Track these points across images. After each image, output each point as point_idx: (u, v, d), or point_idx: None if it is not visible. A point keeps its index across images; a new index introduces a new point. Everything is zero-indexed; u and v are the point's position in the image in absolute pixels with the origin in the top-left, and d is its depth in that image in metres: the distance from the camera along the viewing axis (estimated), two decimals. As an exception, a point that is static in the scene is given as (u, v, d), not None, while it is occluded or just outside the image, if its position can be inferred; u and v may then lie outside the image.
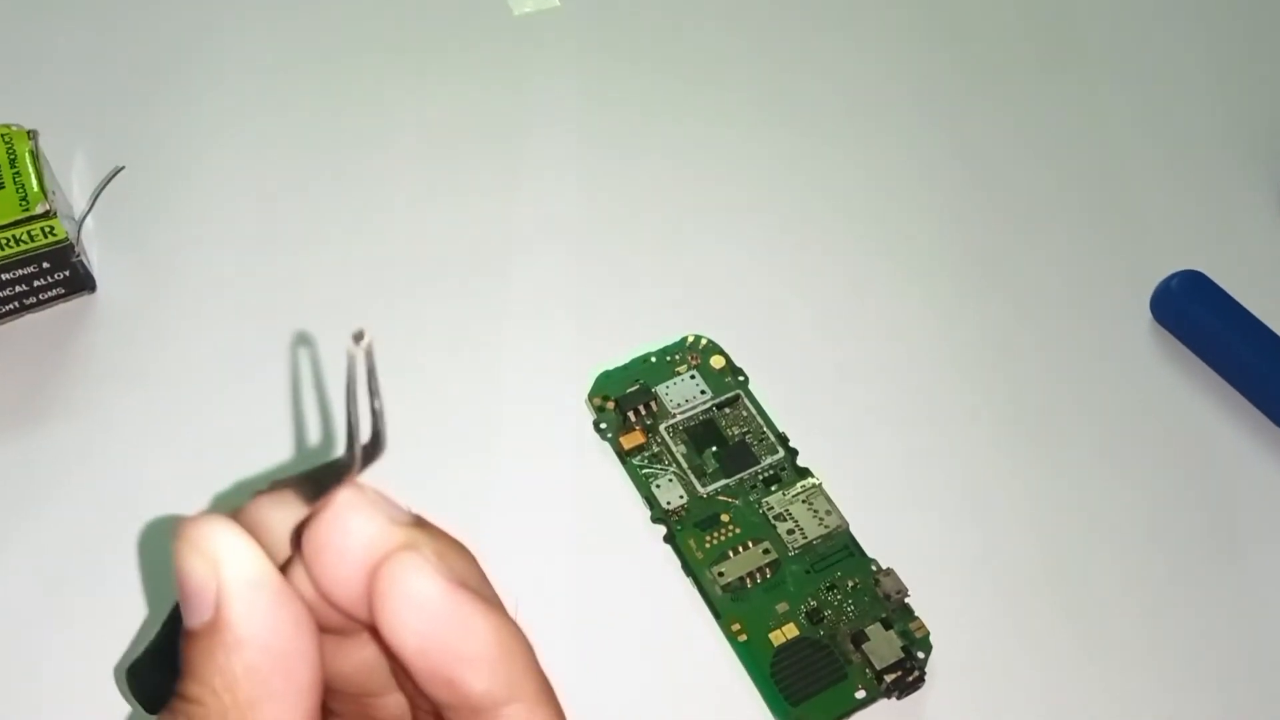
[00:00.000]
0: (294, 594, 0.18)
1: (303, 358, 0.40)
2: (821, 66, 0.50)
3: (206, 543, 0.18)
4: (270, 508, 0.19)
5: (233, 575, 0.17)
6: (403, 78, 0.49)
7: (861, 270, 0.43)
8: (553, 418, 0.39)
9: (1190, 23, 0.53)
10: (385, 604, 0.17)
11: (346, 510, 0.18)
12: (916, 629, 0.34)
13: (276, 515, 0.19)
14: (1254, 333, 0.40)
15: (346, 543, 0.18)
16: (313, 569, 0.18)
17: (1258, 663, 0.35)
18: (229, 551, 0.17)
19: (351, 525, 0.18)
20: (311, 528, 0.18)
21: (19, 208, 0.38)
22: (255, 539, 0.18)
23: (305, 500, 0.18)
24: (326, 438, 0.38)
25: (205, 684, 0.17)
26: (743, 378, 0.39)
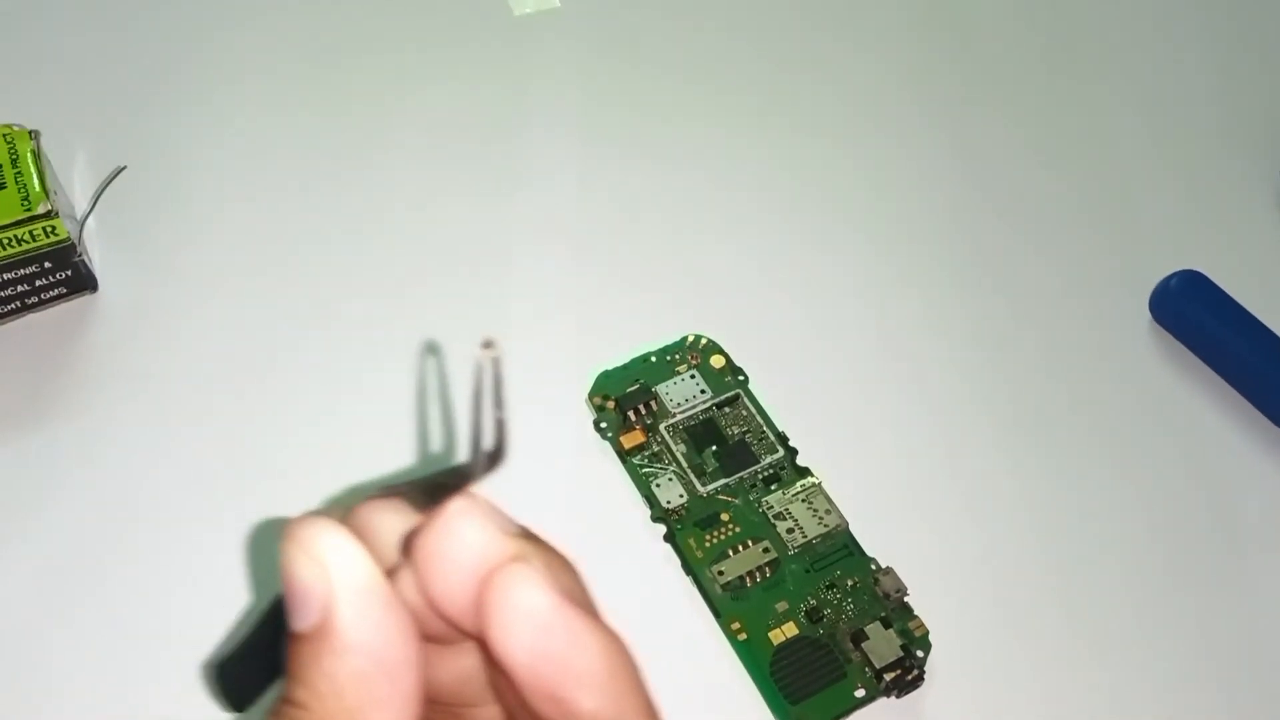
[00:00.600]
0: (401, 601, 0.18)
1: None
2: (821, 67, 0.50)
3: (316, 546, 0.17)
4: (381, 513, 0.19)
5: (342, 580, 0.17)
6: (403, 78, 0.49)
7: (861, 270, 0.43)
8: (553, 417, 0.39)
9: (1189, 23, 0.53)
10: (496, 616, 0.17)
11: (459, 519, 0.18)
12: (915, 628, 0.34)
13: (387, 520, 0.19)
14: (1253, 332, 0.40)
15: (458, 552, 0.18)
16: (422, 577, 0.18)
17: (1257, 661, 0.35)
18: (338, 556, 0.17)
19: (463, 534, 0.18)
20: (422, 535, 0.18)
21: (21, 207, 0.38)
22: (364, 544, 0.18)
23: (417, 507, 0.18)
24: (333, 438, 0.38)
25: (311, 688, 0.17)
26: (742, 377, 0.39)
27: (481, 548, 0.18)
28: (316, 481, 0.37)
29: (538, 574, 0.17)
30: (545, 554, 0.18)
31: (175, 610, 0.35)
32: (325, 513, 0.18)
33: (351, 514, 0.19)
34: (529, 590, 0.17)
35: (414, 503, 0.18)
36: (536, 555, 0.18)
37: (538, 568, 0.18)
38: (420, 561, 0.18)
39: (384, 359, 0.40)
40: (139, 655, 0.34)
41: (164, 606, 0.35)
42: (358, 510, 0.19)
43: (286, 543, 0.18)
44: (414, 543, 0.18)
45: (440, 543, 0.18)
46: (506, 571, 0.17)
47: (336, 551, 0.17)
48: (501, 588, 0.17)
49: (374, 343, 0.41)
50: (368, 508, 0.19)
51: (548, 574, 0.18)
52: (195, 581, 0.35)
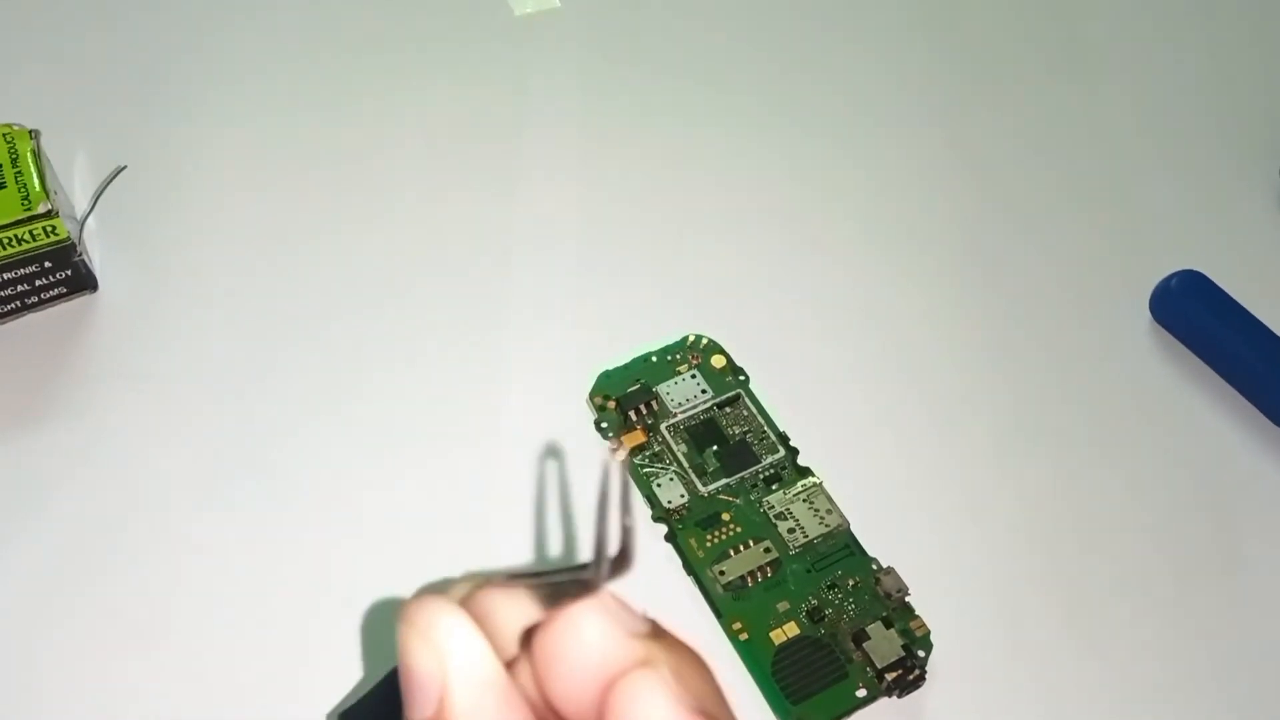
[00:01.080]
0: (519, 697, 0.17)
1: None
2: (822, 67, 0.50)
3: (435, 632, 0.17)
4: (501, 602, 0.18)
5: (460, 671, 0.17)
6: (404, 78, 0.49)
7: (862, 270, 0.43)
8: (554, 417, 0.39)
9: (1189, 22, 0.53)
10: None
11: (584, 619, 0.17)
12: (917, 628, 0.34)
13: (507, 611, 0.18)
14: (1253, 332, 0.40)
15: (582, 654, 0.17)
16: (543, 677, 0.17)
17: (1257, 661, 0.35)
18: (457, 645, 0.17)
19: (588, 636, 0.17)
20: (545, 633, 0.17)
21: (21, 207, 0.38)
22: (484, 632, 0.17)
23: (540, 602, 0.18)
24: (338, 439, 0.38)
25: None
26: (743, 377, 0.39)
27: (606, 652, 0.17)
28: (316, 481, 0.37)
29: (665, 684, 0.17)
30: (675, 656, 0.17)
31: (175, 609, 0.35)
32: (444, 593, 0.18)
33: (471, 598, 0.18)
34: (654, 702, 0.16)
35: (538, 596, 0.18)
36: (665, 659, 0.17)
37: (665, 676, 0.17)
38: (541, 659, 0.17)
39: (384, 358, 0.40)
40: (139, 655, 0.34)
41: (164, 606, 0.35)
42: (478, 595, 0.18)
43: (403, 624, 0.17)
44: (536, 638, 0.17)
45: (563, 642, 0.17)
46: (632, 680, 0.17)
47: (456, 640, 0.17)
48: (626, 698, 0.16)
49: (374, 342, 0.41)
50: (489, 594, 0.18)
51: (677, 681, 0.17)
52: (195, 581, 0.35)
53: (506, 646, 0.18)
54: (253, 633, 0.34)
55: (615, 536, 0.17)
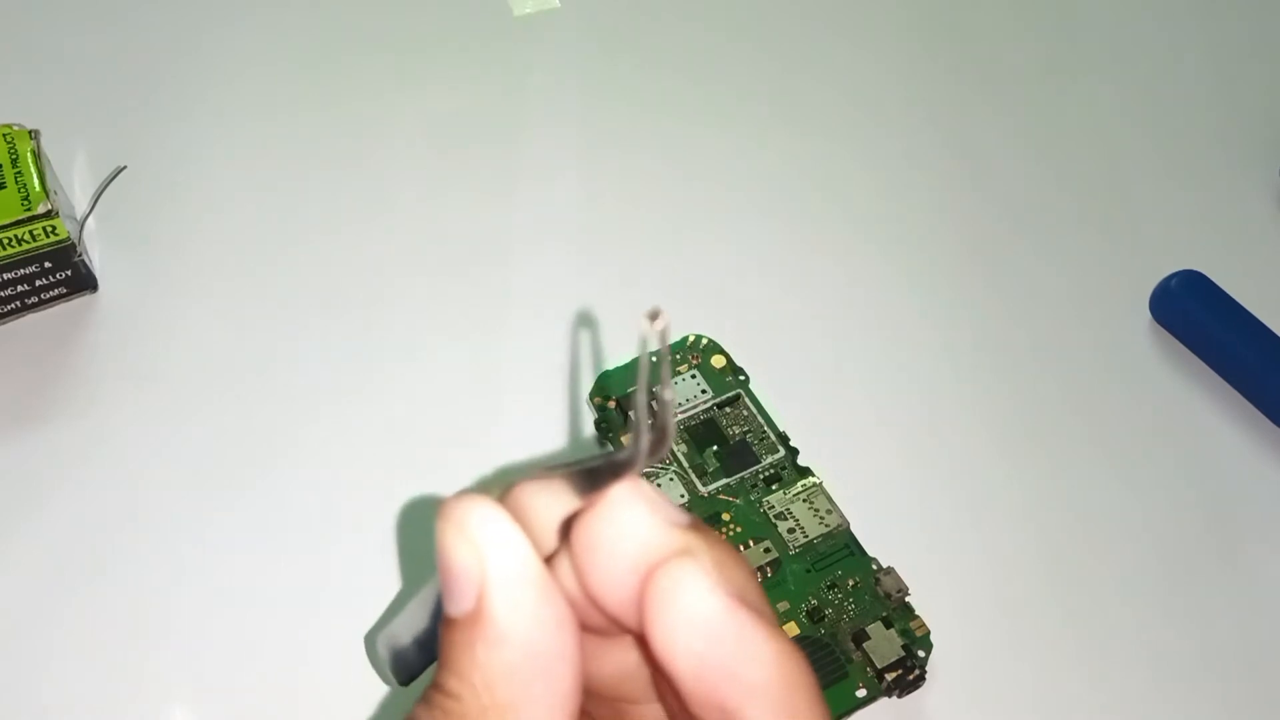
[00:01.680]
0: (559, 591, 0.17)
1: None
2: (822, 66, 0.50)
3: (472, 528, 0.16)
4: (539, 495, 0.17)
5: (499, 567, 0.16)
6: (404, 78, 0.49)
7: (862, 269, 0.44)
8: (554, 417, 0.39)
9: (1189, 22, 0.53)
10: (660, 617, 0.16)
11: (623, 507, 0.17)
12: (917, 628, 0.34)
13: (545, 504, 0.17)
14: (1253, 332, 0.40)
15: (621, 543, 0.16)
16: (582, 567, 0.17)
17: (1257, 660, 0.35)
18: (496, 540, 0.16)
19: (627, 524, 0.16)
20: (584, 522, 0.17)
21: (21, 207, 0.38)
22: (522, 527, 0.17)
23: (578, 491, 0.17)
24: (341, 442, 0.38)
25: (464, 679, 0.16)
26: (743, 377, 0.39)
27: (645, 539, 0.16)
28: (316, 481, 0.37)
29: (706, 571, 0.16)
30: (715, 548, 0.17)
31: (175, 609, 0.35)
32: (482, 490, 0.17)
33: (509, 494, 0.17)
34: (695, 590, 0.16)
35: (574, 486, 0.17)
36: (705, 550, 0.16)
37: (706, 565, 0.16)
38: (580, 550, 0.17)
39: (384, 358, 0.40)
40: (139, 654, 0.34)
41: (164, 605, 0.35)
42: (515, 490, 0.17)
43: (441, 521, 0.17)
44: (574, 529, 0.17)
45: (602, 531, 0.17)
46: (672, 568, 0.16)
47: (493, 534, 0.16)
48: (665, 586, 0.16)
49: (374, 342, 0.41)
50: (526, 488, 0.17)
51: (717, 572, 0.16)
52: (196, 580, 0.35)
53: (545, 541, 0.17)
54: (254, 634, 0.34)
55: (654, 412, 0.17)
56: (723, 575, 0.16)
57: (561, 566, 0.17)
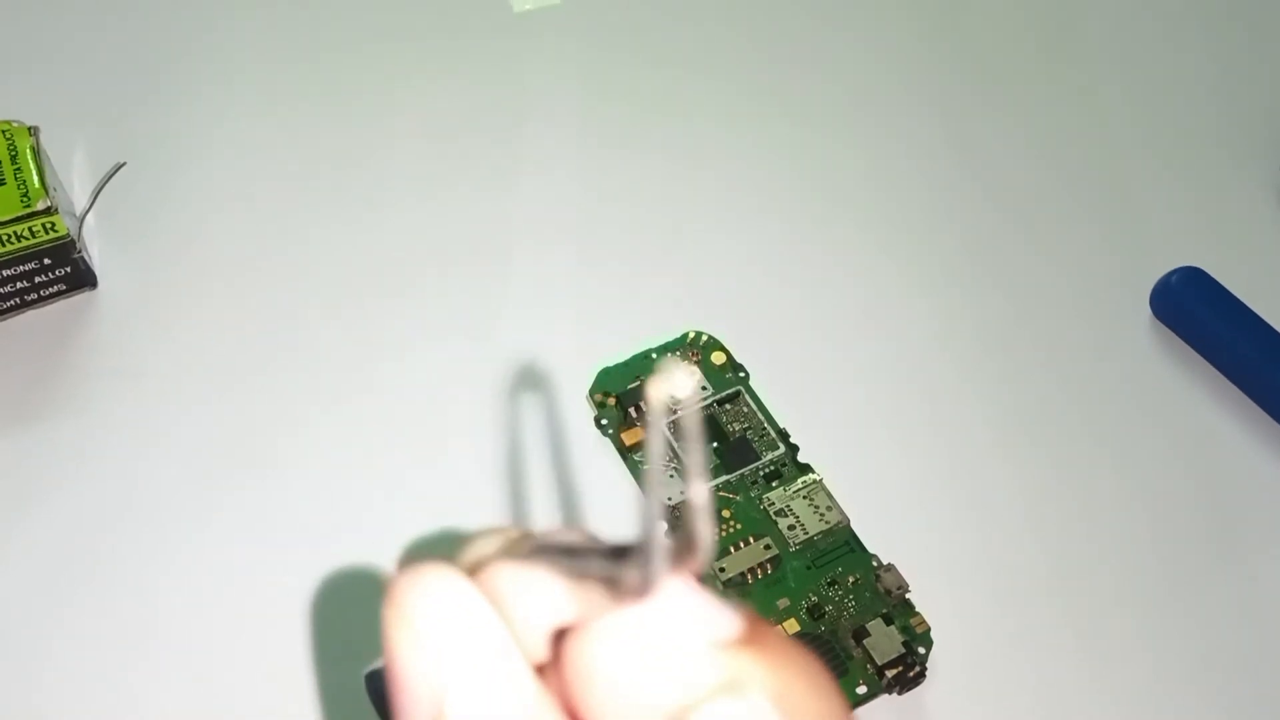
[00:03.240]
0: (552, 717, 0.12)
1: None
2: (822, 63, 0.50)
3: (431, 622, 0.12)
4: (526, 589, 0.13)
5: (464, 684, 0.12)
6: (404, 75, 0.49)
7: (862, 266, 0.43)
8: (554, 414, 0.39)
9: (1189, 21, 0.53)
10: None
11: (639, 629, 0.12)
12: (917, 624, 0.34)
13: (532, 601, 0.13)
14: (1253, 328, 0.40)
15: (637, 677, 0.12)
16: (580, 703, 0.12)
17: (1257, 659, 0.35)
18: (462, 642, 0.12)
19: (648, 652, 0.12)
20: (581, 643, 0.12)
21: (20, 204, 0.38)
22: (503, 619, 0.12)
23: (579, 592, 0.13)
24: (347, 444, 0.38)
25: None
26: (743, 374, 0.39)
27: (672, 675, 0.12)
28: (316, 479, 0.37)
29: (759, 712, 0.12)
30: (777, 668, 0.12)
31: (174, 607, 0.35)
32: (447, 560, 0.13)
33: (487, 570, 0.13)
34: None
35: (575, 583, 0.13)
36: (760, 677, 0.12)
37: (758, 702, 0.12)
38: (577, 678, 0.12)
39: (384, 355, 0.40)
40: (137, 653, 0.34)
41: (163, 604, 0.35)
42: (496, 569, 0.13)
43: (388, 609, 0.12)
44: (570, 647, 0.12)
45: (610, 659, 0.12)
46: (710, 711, 0.12)
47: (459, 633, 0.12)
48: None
49: (374, 339, 0.41)
50: (511, 573, 0.13)
51: (781, 705, 0.12)
52: (194, 578, 0.35)
53: (532, 646, 0.13)
54: (253, 630, 0.34)
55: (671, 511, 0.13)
56: (788, 710, 0.12)
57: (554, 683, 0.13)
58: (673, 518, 0.36)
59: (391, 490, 0.37)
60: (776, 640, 0.13)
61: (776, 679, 0.12)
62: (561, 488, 0.37)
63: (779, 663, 0.12)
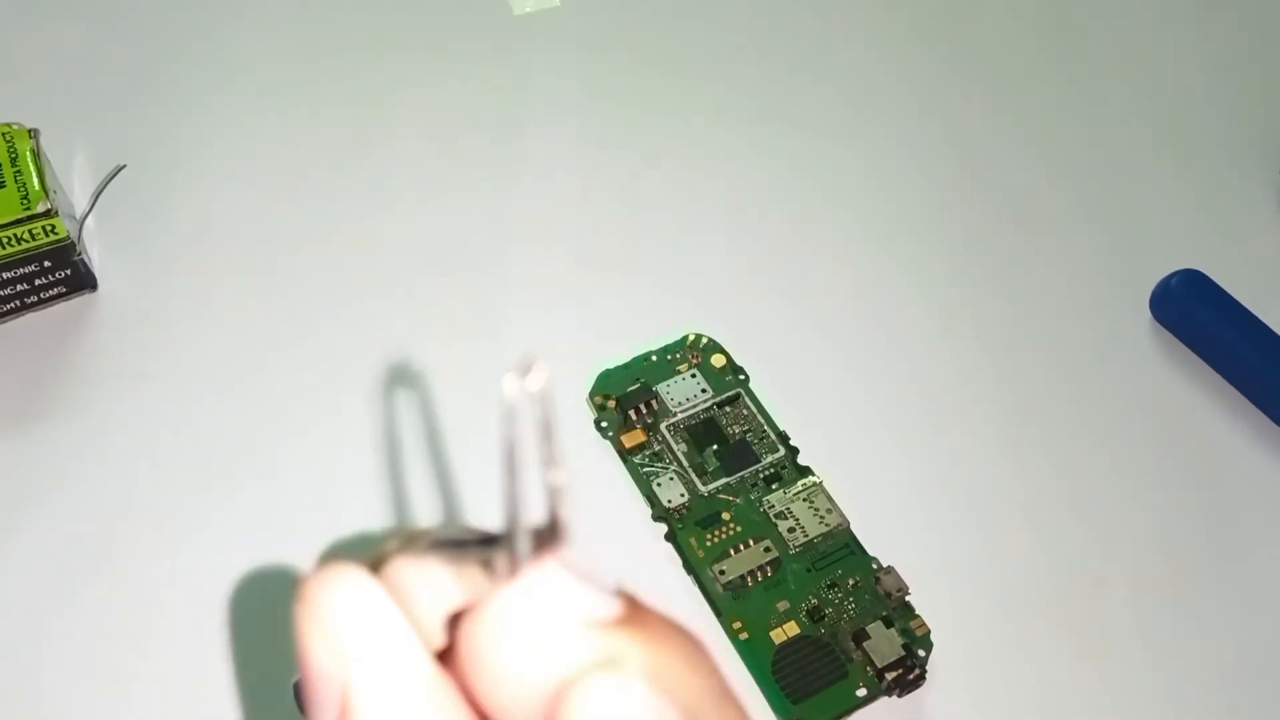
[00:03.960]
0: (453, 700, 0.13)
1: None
2: (823, 65, 0.50)
3: (335, 615, 0.13)
4: (422, 581, 0.14)
5: (366, 672, 0.13)
6: (403, 77, 0.49)
7: (862, 269, 0.43)
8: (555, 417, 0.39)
9: (1190, 21, 0.53)
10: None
11: (520, 607, 0.13)
12: (917, 627, 0.34)
13: (431, 592, 0.14)
14: (1253, 331, 0.40)
15: (517, 655, 0.13)
16: (470, 682, 0.13)
17: (1257, 660, 0.35)
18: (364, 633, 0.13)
19: (526, 630, 0.13)
20: (472, 623, 0.13)
21: (20, 206, 0.38)
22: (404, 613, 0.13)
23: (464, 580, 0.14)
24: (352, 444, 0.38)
25: None
26: (743, 376, 0.39)
27: (555, 646, 0.13)
28: (316, 480, 0.37)
29: (635, 690, 0.12)
30: (655, 645, 0.13)
31: (173, 609, 0.34)
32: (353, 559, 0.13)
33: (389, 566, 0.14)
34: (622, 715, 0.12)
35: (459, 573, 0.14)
36: (639, 654, 0.13)
37: (634, 680, 0.12)
38: (468, 662, 0.13)
39: (384, 357, 0.40)
40: (137, 653, 0.34)
41: (163, 604, 0.35)
42: (398, 562, 0.14)
43: (300, 606, 0.13)
44: (461, 630, 0.13)
45: (495, 634, 0.13)
46: (588, 688, 0.12)
47: (360, 627, 0.13)
48: (580, 713, 0.12)
49: (373, 341, 0.41)
50: (406, 569, 0.14)
51: (656, 682, 0.13)
52: (194, 581, 0.35)
53: (433, 634, 0.14)
54: (253, 630, 0.34)
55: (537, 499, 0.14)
56: (663, 686, 0.13)
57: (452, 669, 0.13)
58: (672, 520, 0.36)
59: (388, 492, 0.37)
60: (655, 621, 0.13)
61: (653, 656, 0.13)
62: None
63: (656, 641, 0.13)
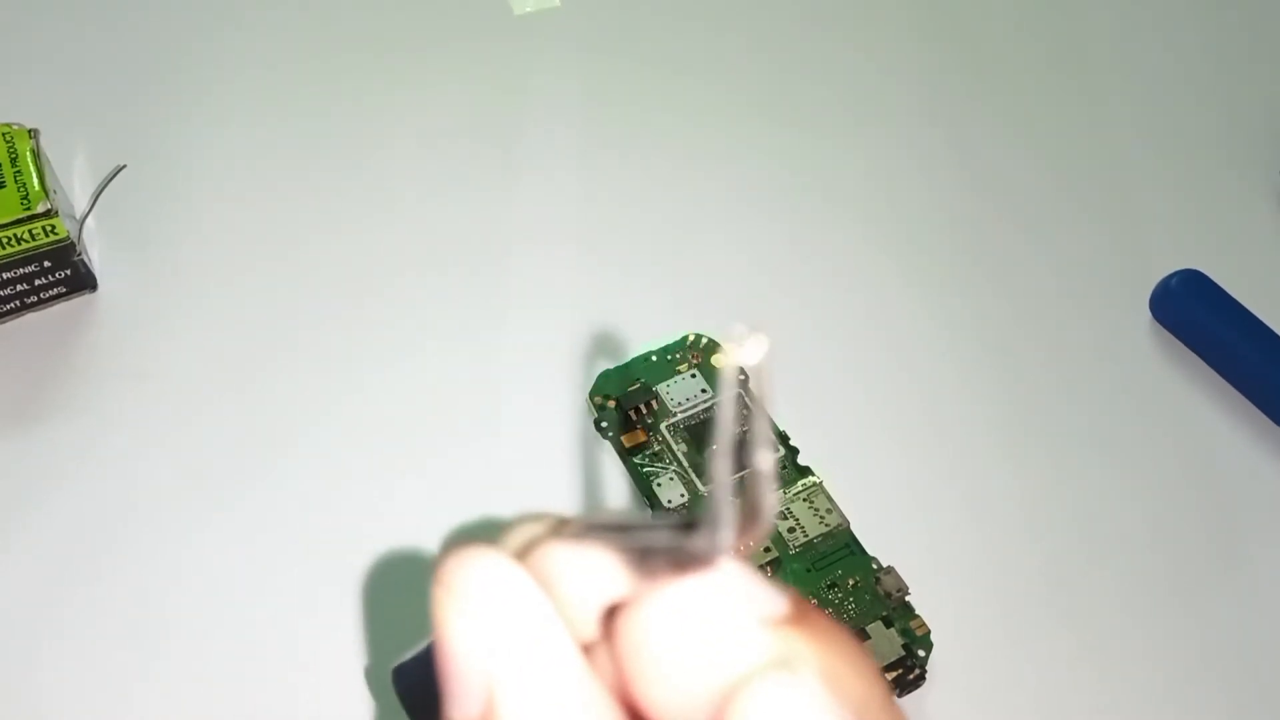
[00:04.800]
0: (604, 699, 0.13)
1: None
2: (823, 65, 0.50)
3: (480, 604, 0.12)
4: (575, 568, 0.13)
5: (516, 665, 0.12)
6: (404, 77, 0.49)
7: (862, 269, 0.43)
8: (554, 417, 0.39)
9: (1189, 23, 0.53)
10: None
11: (691, 603, 0.12)
12: (917, 627, 0.34)
13: (582, 580, 0.13)
14: (1253, 331, 0.40)
15: (687, 652, 0.12)
16: (633, 679, 0.12)
17: (1257, 660, 0.35)
18: (514, 623, 0.12)
19: (698, 626, 0.12)
20: (636, 615, 0.12)
21: (20, 206, 0.38)
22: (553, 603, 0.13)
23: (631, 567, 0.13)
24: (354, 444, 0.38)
25: None
26: (743, 376, 0.39)
27: (723, 648, 0.12)
28: (316, 480, 0.37)
29: (812, 690, 0.12)
30: (823, 649, 0.13)
31: (174, 609, 0.34)
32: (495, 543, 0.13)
33: (534, 554, 0.13)
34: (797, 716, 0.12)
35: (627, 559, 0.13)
36: (809, 655, 0.12)
37: (809, 681, 0.12)
38: (630, 653, 0.12)
39: (384, 357, 0.40)
40: (137, 653, 0.34)
41: (163, 604, 0.35)
42: (544, 551, 0.13)
43: (439, 590, 0.13)
44: (622, 622, 0.13)
45: (663, 633, 0.12)
46: (765, 688, 0.12)
47: (509, 615, 0.12)
48: (757, 713, 0.12)
49: (374, 341, 0.41)
50: (559, 552, 0.13)
51: (829, 685, 0.12)
52: (194, 580, 0.35)
53: (583, 623, 0.13)
54: (254, 630, 0.34)
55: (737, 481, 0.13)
56: (834, 686, 0.12)
57: (604, 661, 0.13)
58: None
59: (391, 492, 0.37)
60: (823, 621, 0.13)
61: (825, 658, 0.12)
62: (562, 490, 0.37)
63: (827, 643, 0.13)
